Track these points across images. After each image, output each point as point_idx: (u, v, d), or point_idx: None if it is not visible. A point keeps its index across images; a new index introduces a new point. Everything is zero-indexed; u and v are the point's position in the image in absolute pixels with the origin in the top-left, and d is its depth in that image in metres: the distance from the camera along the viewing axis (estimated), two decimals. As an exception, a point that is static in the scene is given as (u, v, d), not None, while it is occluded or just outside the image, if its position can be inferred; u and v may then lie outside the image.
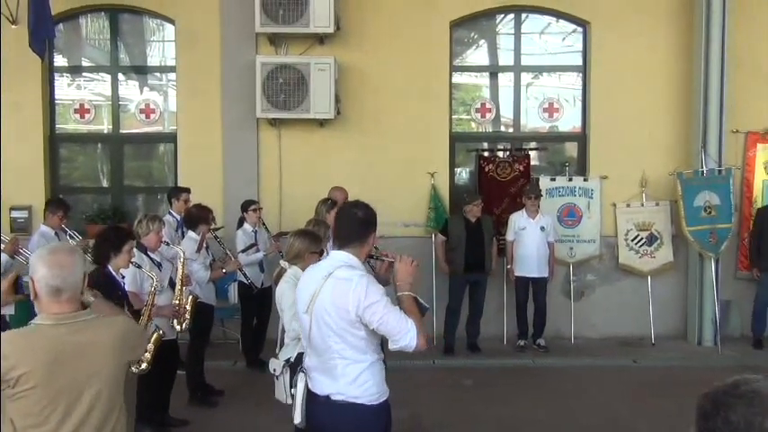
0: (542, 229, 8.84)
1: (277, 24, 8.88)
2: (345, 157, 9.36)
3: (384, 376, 3.53)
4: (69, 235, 7.40)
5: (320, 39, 9.17)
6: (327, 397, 3.42)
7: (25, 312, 8.52)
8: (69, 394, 2.70)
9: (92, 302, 3.12)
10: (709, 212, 9.00)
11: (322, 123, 9.26)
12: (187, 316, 6.10)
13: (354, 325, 3.32)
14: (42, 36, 8.38)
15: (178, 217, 8.11)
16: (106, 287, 4.99)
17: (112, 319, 3.04)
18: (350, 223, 3.57)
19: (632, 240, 9.49)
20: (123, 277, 5.28)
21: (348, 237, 3.54)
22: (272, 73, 8.91)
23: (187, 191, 8.35)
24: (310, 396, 3.51)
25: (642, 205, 9.49)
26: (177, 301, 6.03)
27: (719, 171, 9.01)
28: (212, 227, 7.24)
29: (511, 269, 8.95)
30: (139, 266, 5.48)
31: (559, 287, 9.49)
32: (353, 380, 3.37)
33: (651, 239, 9.47)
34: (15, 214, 9.38)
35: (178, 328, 6.10)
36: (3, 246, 6.41)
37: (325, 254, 4.69)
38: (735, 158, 9.34)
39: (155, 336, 5.26)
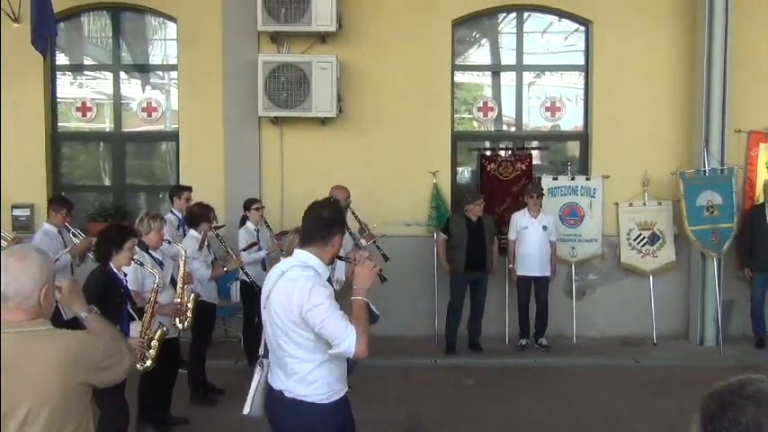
0: (544, 228, 8.83)
1: (279, 23, 8.88)
2: (347, 156, 9.35)
3: (340, 375, 3.49)
4: (72, 233, 7.40)
5: (322, 37, 9.17)
6: (281, 392, 3.44)
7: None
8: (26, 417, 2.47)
9: (85, 318, 2.96)
10: (712, 212, 8.99)
11: (324, 122, 9.26)
12: (189, 314, 6.11)
13: (300, 326, 3.31)
14: (45, 34, 8.39)
15: (180, 215, 8.11)
16: (107, 285, 5.01)
17: (74, 334, 2.71)
18: (313, 222, 3.54)
19: (634, 240, 9.48)
20: (125, 275, 5.28)
21: (311, 236, 3.52)
22: (274, 71, 8.90)
23: (189, 189, 8.35)
24: (270, 389, 3.53)
25: (644, 204, 9.48)
26: (179, 300, 6.04)
27: (722, 170, 9.00)
28: (214, 225, 7.24)
29: (513, 268, 8.94)
30: (141, 264, 5.49)
31: (561, 286, 9.48)
32: (302, 378, 3.37)
33: (653, 239, 9.45)
34: (17, 212, 9.39)
35: (180, 326, 6.11)
36: (5, 244, 6.40)
37: (343, 253, 4.69)
38: (737, 158, 9.32)
39: (159, 333, 5.28)
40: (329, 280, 3.56)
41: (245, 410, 3.61)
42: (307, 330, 3.30)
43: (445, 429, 6.43)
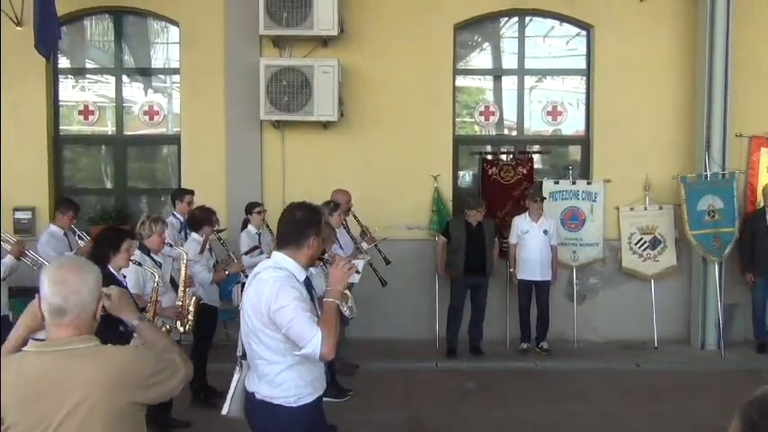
0: (545, 232, 8.83)
1: (281, 27, 8.89)
2: (349, 160, 9.36)
3: (312, 379, 3.47)
4: (78, 235, 7.41)
5: (324, 41, 9.18)
6: (253, 394, 3.45)
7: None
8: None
9: (136, 326, 2.80)
10: (713, 216, 8.99)
11: (325, 125, 9.27)
12: (190, 317, 6.11)
13: (269, 326, 3.31)
14: (48, 37, 8.41)
15: (181, 218, 8.12)
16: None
17: (121, 351, 2.56)
18: (287, 224, 3.53)
19: (635, 244, 9.48)
20: (125, 277, 5.28)
21: (284, 238, 3.51)
22: (276, 75, 8.91)
23: (191, 193, 8.36)
24: (246, 390, 3.53)
25: (646, 209, 9.47)
26: (180, 303, 6.04)
27: (723, 175, 9.00)
28: (216, 229, 7.24)
29: (513, 272, 8.94)
30: (140, 264, 5.49)
31: (562, 290, 9.48)
32: (271, 380, 3.38)
33: (654, 243, 9.45)
34: (19, 215, 9.40)
35: (181, 329, 6.11)
36: (8, 247, 6.41)
37: (327, 255, 4.65)
38: (739, 162, 9.32)
39: (163, 331, 5.28)
40: (309, 286, 3.52)
41: (224, 411, 3.60)
42: (276, 331, 3.30)
43: (446, 433, 6.43)
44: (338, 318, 3.39)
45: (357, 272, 3.84)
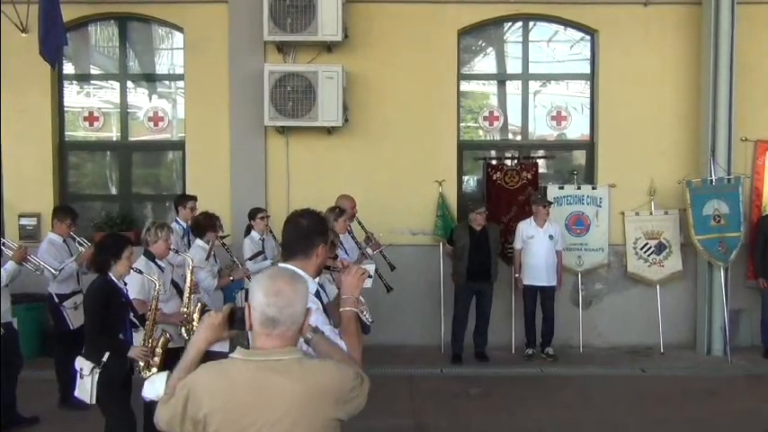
0: (550, 237, 8.81)
1: (285, 32, 8.90)
2: (353, 165, 9.36)
3: None
4: (78, 242, 7.40)
5: (328, 47, 9.19)
6: None
7: (32, 321, 8.56)
8: None
9: (311, 339, 2.75)
10: (719, 221, 8.96)
11: (330, 131, 9.27)
12: (195, 324, 6.09)
13: None
14: (54, 44, 8.43)
15: (184, 225, 8.11)
16: (109, 295, 5.01)
17: (323, 365, 2.53)
18: (294, 233, 3.34)
19: (641, 249, 9.45)
20: (125, 284, 5.28)
21: (292, 248, 3.32)
22: (280, 81, 8.92)
23: (193, 198, 8.35)
24: None
25: (651, 214, 9.45)
26: (185, 309, 6.03)
27: (728, 179, 8.97)
28: (219, 235, 7.24)
29: (519, 278, 8.92)
30: (140, 272, 5.48)
31: (567, 296, 9.45)
32: None
33: (660, 248, 9.42)
34: (24, 221, 9.42)
35: (186, 336, 6.10)
36: (10, 253, 6.41)
37: (334, 263, 4.60)
38: (744, 167, 9.30)
39: (161, 340, 5.28)
40: (318, 295, 3.36)
41: None
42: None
43: (451, 439, 6.41)
44: (359, 327, 3.23)
45: (369, 276, 3.72)
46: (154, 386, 2.81)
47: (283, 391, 2.38)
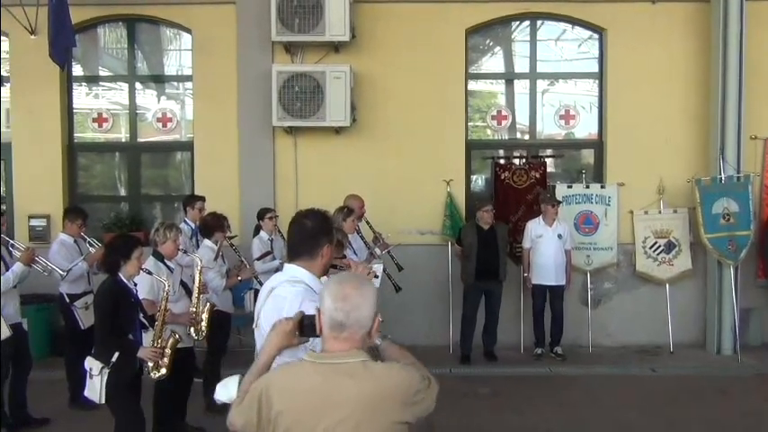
0: (559, 236, 8.80)
1: (293, 33, 8.91)
2: (361, 165, 9.36)
3: None
4: (89, 243, 7.43)
5: (336, 47, 9.20)
6: None
7: (42, 321, 8.61)
8: None
9: (379, 345, 2.76)
10: (728, 219, 8.92)
11: (338, 131, 9.28)
12: (204, 324, 6.12)
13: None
14: (63, 46, 8.47)
15: (193, 225, 8.13)
16: (119, 295, 5.03)
17: (388, 367, 2.56)
18: (298, 234, 3.32)
19: (650, 248, 9.42)
20: (135, 285, 5.30)
21: (297, 249, 3.31)
22: (288, 81, 8.93)
23: (202, 199, 8.37)
24: None
25: (660, 212, 9.42)
26: (194, 309, 6.05)
27: (738, 178, 8.93)
28: (227, 235, 7.25)
29: (527, 277, 8.91)
30: (150, 272, 5.50)
31: (576, 295, 9.43)
32: None
33: (669, 247, 9.39)
34: (34, 223, 9.47)
35: (195, 336, 6.13)
36: (17, 254, 6.45)
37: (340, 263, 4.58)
38: (753, 165, 9.25)
39: (171, 341, 5.30)
40: None
41: None
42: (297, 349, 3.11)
43: (460, 439, 6.40)
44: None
45: (376, 276, 3.70)
46: (227, 389, 2.83)
47: (349, 393, 2.42)
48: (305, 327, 2.70)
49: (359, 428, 2.42)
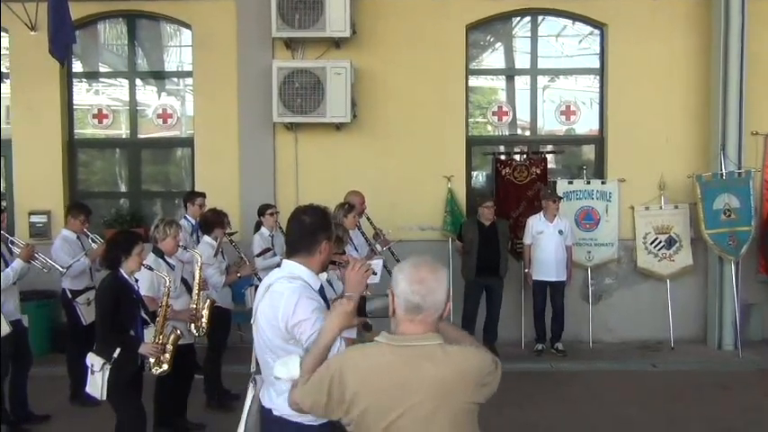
0: (560, 232, 8.79)
1: (293, 29, 8.90)
2: (362, 161, 9.36)
3: None
4: (91, 239, 7.44)
5: (336, 43, 9.19)
6: (270, 411, 3.25)
7: (43, 318, 8.61)
8: (384, 422, 2.48)
9: (439, 325, 2.80)
10: (729, 215, 8.91)
11: (338, 127, 9.27)
12: (204, 321, 6.12)
13: (289, 342, 3.11)
14: (63, 42, 8.45)
15: (193, 221, 8.14)
16: (120, 291, 5.03)
17: (463, 350, 2.63)
18: (296, 230, 3.31)
19: (651, 244, 9.41)
20: (137, 281, 5.30)
21: (295, 245, 3.30)
22: (289, 77, 8.92)
23: (202, 195, 8.38)
24: (261, 408, 3.34)
25: (661, 208, 9.41)
26: (194, 306, 6.06)
27: (739, 173, 8.92)
28: (227, 231, 7.24)
29: (528, 273, 8.91)
30: (151, 268, 5.51)
31: (577, 291, 9.43)
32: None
33: (670, 243, 9.38)
34: (34, 219, 9.46)
35: (195, 332, 6.13)
36: (17, 251, 6.44)
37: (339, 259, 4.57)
38: (754, 161, 9.23)
39: (172, 337, 5.31)
40: (322, 291, 3.34)
41: (240, 431, 3.37)
42: (296, 345, 3.10)
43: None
44: (360, 325, 3.18)
45: (374, 273, 3.70)
46: (287, 368, 2.87)
47: (427, 376, 2.47)
48: (364, 308, 2.87)
49: (437, 411, 2.47)
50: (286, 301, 3.10)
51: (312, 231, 3.28)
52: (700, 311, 9.45)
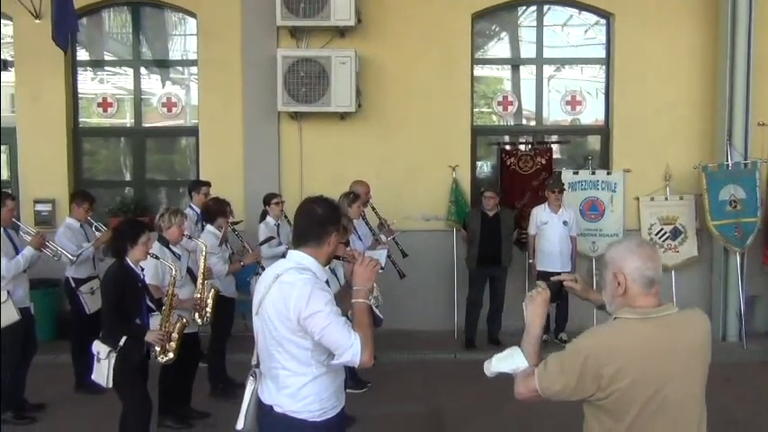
0: (565, 223, 8.77)
1: (298, 17, 8.88)
2: (366, 151, 9.35)
3: (335, 390, 3.27)
4: (95, 227, 7.45)
5: (341, 32, 9.16)
6: (270, 407, 3.22)
7: (48, 306, 8.64)
8: (650, 390, 2.63)
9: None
10: (735, 206, 8.89)
11: (343, 117, 9.25)
12: (208, 309, 6.13)
13: (297, 334, 3.09)
14: (65, 30, 8.44)
15: (198, 210, 8.13)
16: (126, 280, 5.04)
17: (692, 313, 2.89)
18: (307, 220, 3.29)
19: (656, 234, 9.39)
20: (142, 269, 5.31)
21: (304, 236, 3.28)
22: (293, 66, 8.90)
23: (207, 184, 8.37)
24: (260, 403, 3.31)
25: (666, 199, 9.39)
26: (199, 295, 6.07)
27: (745, 164, 8.89)
28: (231, 221, 7.24)
29: (533, 263, 8.90)
30: (157, 257, 5.52)
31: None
32: (294, 393, 3.15)
33: (675, 234, 9.36)
34: (39, 207, 9.48)
35: (199, 321, 6.14)
36: (27, 238, 6.46)
37: (349, 246, 4.58)
38: (761, 151, 9.17)
39: (178, 325, 5.33)
40: (328, 284, 3.32)
41: (239, 426, 3.31)
42: (305, 338, 3.09)
43: (465, 424, 6.42)
44: (371, 319, 3.20)
45: (382, 269, 3.73)
46: (512, 361, 3.06)
47: (683, 341, 2.71)
48: (553, 294, 3.20)
49: (696, 372, 2.75)
50: (299, 292, 3.07)
51: (322, 223, 3.26)
52: (704, 303, 9.41)
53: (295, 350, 3.13)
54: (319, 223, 3.26)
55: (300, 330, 3.08)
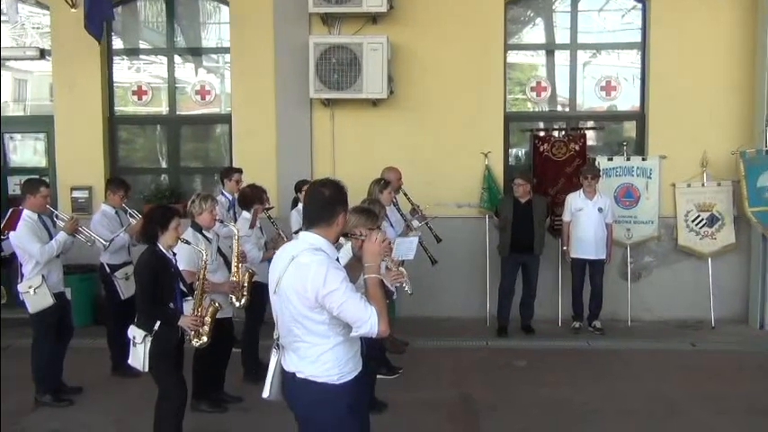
0: (600, 210, 8.67)
1: (330, 4, 8.88)
2: (399, 137, 9.33)
3: (352, 356, 3.48)
4: (129, 214, 7.55)
5: (373, 18, 9.15)
6: (293, 374, 3.45)
7: (85, 291, 8.79)
8: None
9: None
10: (773, 193, 8.73)
11: (375, 103, 9.25)
12: (245, 292, 6.19)
13: (315, 311, 3.30)
14: (99, 19, 8.53)
15: (230, 197, 8.21)
16: (158, 265, 5.09)
17: None
18: (316, 202, 3.49)
19: (693, 221, 9.26)
20: (175, 255, 5.36)
21: (315, 217, 3.47)
22: (326, 53, 8.91)
23: (239, 171, 8.44)
24: (284, 371, 3.55)
25: (703, 185, 9.24)
26: (235, 278, 6.11)
27: (784, 150, 8.73)
28: (265, 207, 7.28)
29: (566, 250, 8.82)
30: (188, 242, 5.57)
31: (616, 269, 9.33)
32: (315, 360, 3.38)
33: (712, 220, 9.22)
34: (76, 194, 9.66)
35: (237, 304, 6.19)
36: (62, 224, 6.56)
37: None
38: (801, 137, 9.02)
39: (211, 309, 5.38)
40: (338, 261, 3.52)
41: (265, 394, 3.62)
42: (321, 314, 3.31)
43: (495, 411, 6.40)
44: (384, 292, 3.41)
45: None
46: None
47: None
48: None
49: None
50: (315, 272, 3.26)
51: (331, 203, 3.45)
52: (742, 290, 9.30)
53: (312, 325, 3.35)
54: (328, 204, 3.45)
55: (318, 307, 3.29)
